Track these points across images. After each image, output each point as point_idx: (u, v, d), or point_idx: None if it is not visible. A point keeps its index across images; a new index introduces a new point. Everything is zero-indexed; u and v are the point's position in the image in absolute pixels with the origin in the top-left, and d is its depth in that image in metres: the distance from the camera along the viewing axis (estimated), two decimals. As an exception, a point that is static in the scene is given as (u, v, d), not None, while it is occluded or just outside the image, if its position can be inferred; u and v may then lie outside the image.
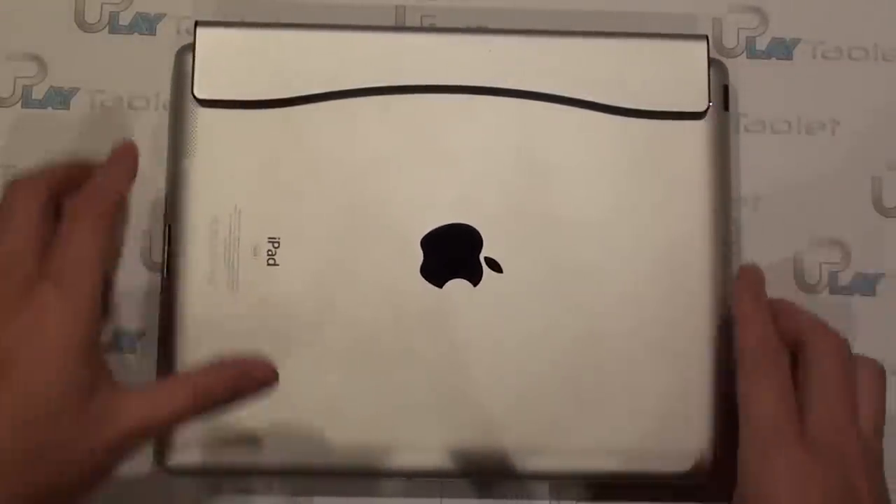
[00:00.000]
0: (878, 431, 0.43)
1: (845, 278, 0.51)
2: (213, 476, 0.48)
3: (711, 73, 0.48)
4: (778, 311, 0.45)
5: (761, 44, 0.52)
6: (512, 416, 0.46)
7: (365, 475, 0.47)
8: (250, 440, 0.46)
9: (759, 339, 0.43)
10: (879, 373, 0.44)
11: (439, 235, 0.47)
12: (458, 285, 0.47)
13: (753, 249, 0.50)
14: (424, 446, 0.46)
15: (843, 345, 0.44)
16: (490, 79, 0.47)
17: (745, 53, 0.52)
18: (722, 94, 0.49)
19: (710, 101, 0.48)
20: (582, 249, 0.47)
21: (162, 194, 0.48)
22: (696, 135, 0.48)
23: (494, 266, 0.47)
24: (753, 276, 0.46)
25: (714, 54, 0.50)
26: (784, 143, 0.51)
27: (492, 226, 0.47)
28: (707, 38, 0.48)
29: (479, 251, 0.47)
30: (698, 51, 0.48)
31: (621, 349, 0.47)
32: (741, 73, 0.51)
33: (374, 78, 0.47)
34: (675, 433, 0.46)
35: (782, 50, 0.52)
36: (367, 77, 0.47)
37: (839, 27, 0.52)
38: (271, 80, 0.47)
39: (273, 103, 0.47)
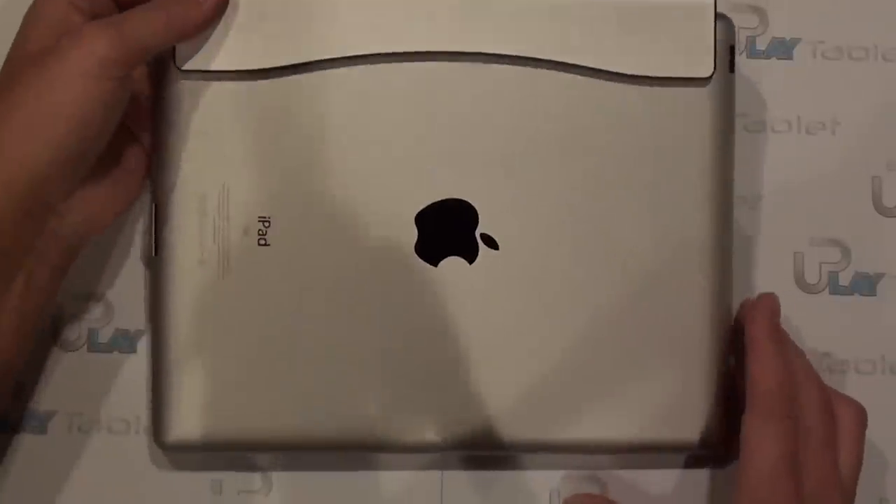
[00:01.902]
0: (856, 475, 0.44)
1: (845, 278, 0.51)
2: (212, 451, 0.48)
3: (717, 32, 0.46)
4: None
5: (761, 44, 0.52)
6: (510, 397, 0.46)
7: (361, 450, 0.47)
8: (248, 416, 0.45)
9: (777, 383, 0.43)
10: (860, 417, 0.45)
11: (434, 212, 0.46)
12: (453, 263, 0.46)
13: (753, 249, 0.50)
14: (420, 428, 0.46)
15: (828, 399, 0.44)
16: (483, 44, 0.45)
17: (745, 53, 0.52)
18: (728, 55, 0.46)
19: (715, 66, 0.46)
20: (581, 224, 0.46)
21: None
22: (700, 102, 0.46)
23: (491, 243, 0.46)
24: (772, 305, 0.46)
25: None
26: (784, 143, 0.51)
27: (488, 201, 0.46)
28: None
29: (475, 228, 0.46)
30: (704, 8, 0.46)
31: (623, 325, 0.46)
32: (741, 72, 0.51)
33: (365, 45, 0.45)
34: (680, 407, 0.46)
35: (782, 50, 0.52)
36: (358, 43, 0.45)
37: (839, 27, 0.52)
38: (257, 48, 0.45)
39: (258, 73, 0.45)
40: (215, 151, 0.45)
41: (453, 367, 0.46)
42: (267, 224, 0.45)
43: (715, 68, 0.46)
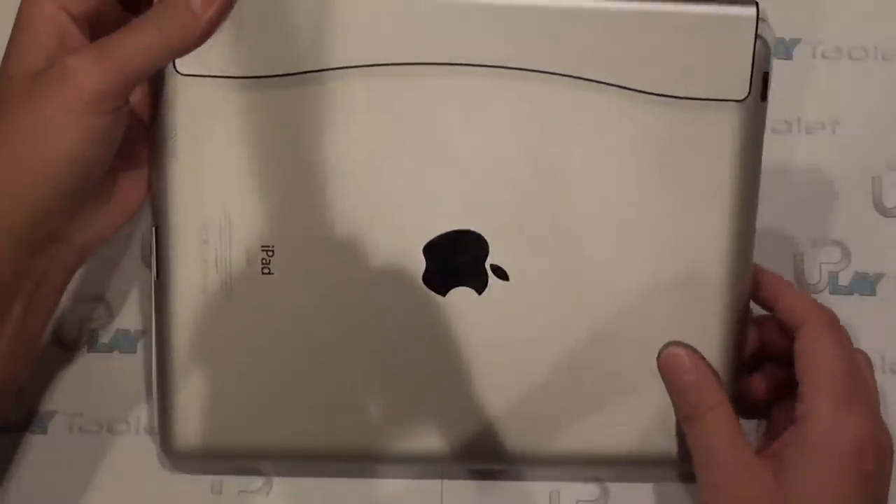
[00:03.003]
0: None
1: (845, 278, 0.51)
2: (219, 460, 0.48)
3: (756, 53, 0.42)
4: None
5: (761, 44, 0.52)
6: (516, 418, 0.45)
7: (363, 461, 0.47)
8: (253, 427, 0.45)
9: (819, 305, 0.44)
10: (870, 360, 0.46)
11: (443, 242, 0.44)
12: (462, 294, 0.44)
13: (754, 250, 0.50)
14: (428, 458, 0.46)
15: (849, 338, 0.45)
16: (502, 59, 0.42)
17: (745, 53, 0.52)
18: (761, 82, 0.43)
19: (750, 89, 0.43)
20: (594, 255, 0.44)
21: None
22: (729, 127, 0.43)
23: (501, 274, 0.44)
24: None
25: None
26: (785, 143, 0.51)
27: (498, 230, 0.44)
28: (757, 4, 0.42)
29: (485, 258, 0.44)
30: (743, 24, 0.42)
31: (633, 361, 0.45)
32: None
33: (373, 53, 0.42)
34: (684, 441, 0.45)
35: (782, 50, 0.52)
36: (364, 52, 0.42)
37: (839, 27, 0.52)
38: (261, 53, 0.42)
39: (262, 81, 0.42)
40: (217, 169, 0.43)
41: (460, 400, 0.45)
42: (271, 253, 0.44)
43: (750, 91, 0.43)
